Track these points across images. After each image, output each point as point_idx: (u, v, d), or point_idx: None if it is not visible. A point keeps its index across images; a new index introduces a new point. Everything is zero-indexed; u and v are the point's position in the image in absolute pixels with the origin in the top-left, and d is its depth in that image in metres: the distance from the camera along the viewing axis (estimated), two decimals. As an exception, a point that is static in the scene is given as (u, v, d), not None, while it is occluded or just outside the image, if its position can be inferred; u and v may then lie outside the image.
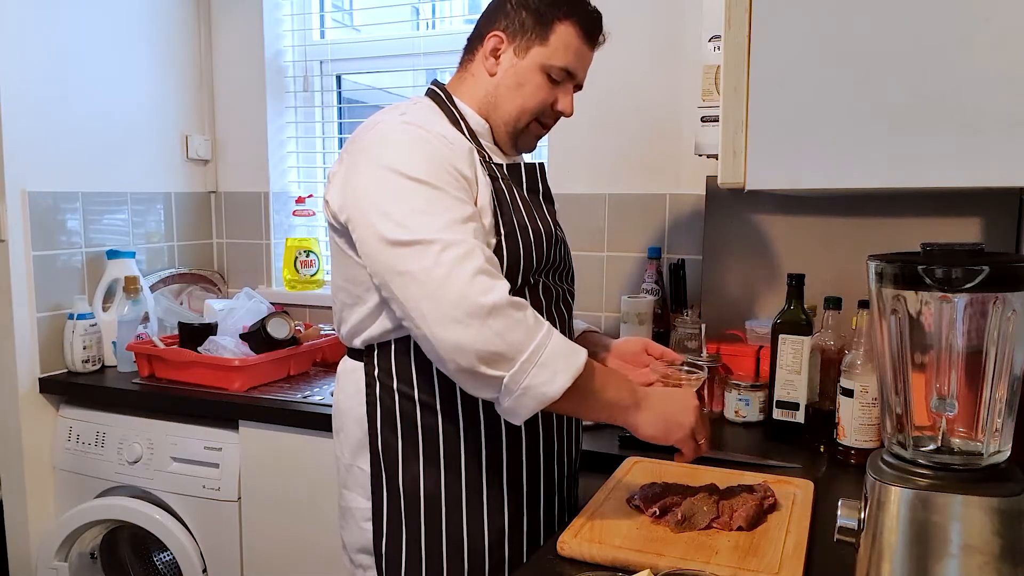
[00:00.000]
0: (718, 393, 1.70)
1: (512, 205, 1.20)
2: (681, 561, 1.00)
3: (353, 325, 1.23)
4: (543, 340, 1.05)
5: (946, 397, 0.81)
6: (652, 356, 1.40)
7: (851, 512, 0.88)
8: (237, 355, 1.98)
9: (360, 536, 1.27)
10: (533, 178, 1.29)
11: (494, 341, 1.02)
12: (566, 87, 1.27)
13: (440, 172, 1.10)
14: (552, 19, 1.22)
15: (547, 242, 1.24)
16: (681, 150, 2.00)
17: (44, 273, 2.07)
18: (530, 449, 1.26)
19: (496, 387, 1.05)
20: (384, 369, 1.22)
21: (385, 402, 1.22)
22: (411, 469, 1.21)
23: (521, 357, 1.03)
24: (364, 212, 1.10)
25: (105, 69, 2.22)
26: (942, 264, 0.77)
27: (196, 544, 1.94)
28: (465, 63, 1.30)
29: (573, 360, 1.06)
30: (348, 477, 1.28)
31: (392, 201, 1.08)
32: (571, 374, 1.05)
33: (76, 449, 2.05)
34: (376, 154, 1.12)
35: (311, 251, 2.51)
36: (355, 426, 1.25)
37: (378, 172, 1.10)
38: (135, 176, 2.33)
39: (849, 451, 1.41)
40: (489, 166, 1.21)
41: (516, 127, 1.26)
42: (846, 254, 1.75)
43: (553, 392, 1.04)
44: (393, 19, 2.46)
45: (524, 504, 1.26)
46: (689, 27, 1.95)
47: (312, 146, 2.62)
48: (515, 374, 1.03)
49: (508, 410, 1.07)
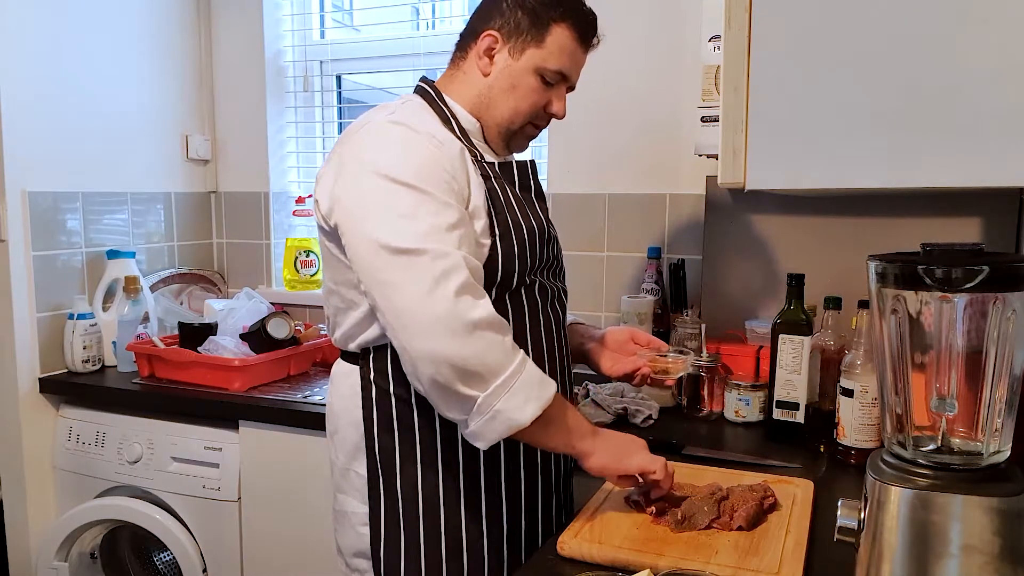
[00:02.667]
0: (718, 393, 1.70)
1: (506, 204, 1.20)
2: (681, 561, 1.00)
3: (347, 329, 1.22)
4: (519, 367, 1.06)
5: (946, 397, 0.81)
6: (639, 345, 1.40)
7: (851, 512, 0.88)
8: (237, 355, 1.98)
9: (356, 540, 1.26)
10: (525, 176, 1.28)
11: (472, 359, 1.02)
12: (559, 89, 1.26)
13: (428, 175, 1.09)
14: (548, 21, 1.21)
15: (540, 240, 1.23)
16: (681, 150, 2.00)
17: (44, 273, 2.07)
18: (528, 452, 1.26)
19: (468, 407, 1.05)
20: (380, 372, 1.21)
21: (382, 405, 1.21)
22: (409, 472, 1.20)
23: (497, 380, 1.04)
24: (351, 216, 1.10)
25: (105, 69, 2.22)
26: (942, 264, 0.77)
27: (196, 544, 1.94)
28: (457, 60, 1.28)
29: (544, 390, 1.08)
30: (343, 481, 1.27)
31: (378, 206, 1.07)
32: (542, 403, 1.07)
33: (76, 449, 2.05)
34: (363, 156, 1.11)
35: (311, 251, 2.51)
36: (351, 429, 1.24)
37: (365, 175, 1.09)
38: (135, 176, 2.33)
39: (849, 451, 1.41)
40: (481, 165, 1.20)
41: (509, 129, 1.25)
42: (846, 254, 1.75)
43: (523, 419, 1.05)
44: (393, 19, 2.46)
45: (523, 505, 1.26)
46: (689, 27, 1.95)
47: (312, 146, 2.62)
48: (488, 396, 1.04)
49: (474, 433, 1.07)
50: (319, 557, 1.83)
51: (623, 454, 1.15)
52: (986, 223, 1.67)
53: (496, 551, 1.23)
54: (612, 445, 1.15)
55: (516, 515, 1.25)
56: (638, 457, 1.14)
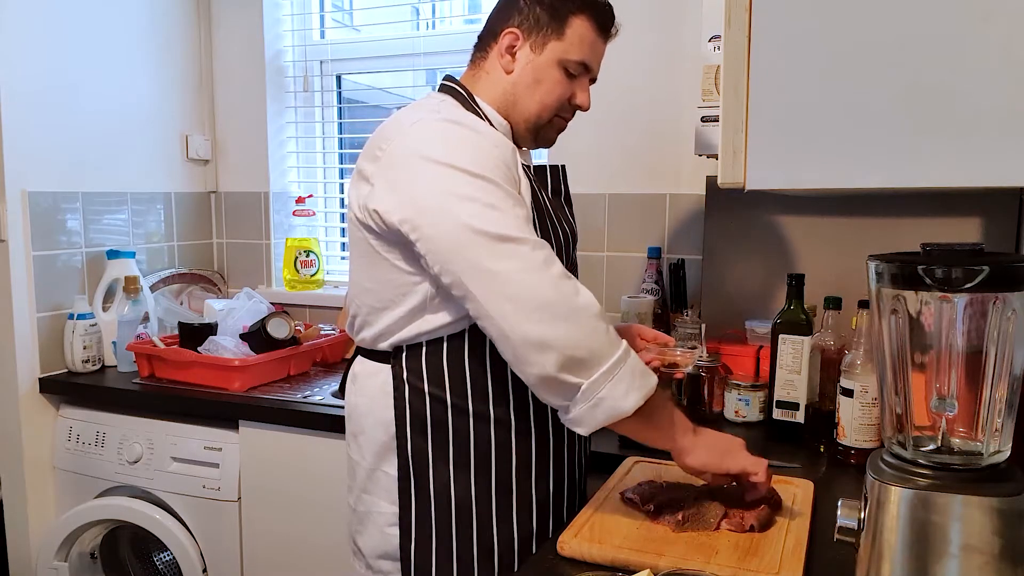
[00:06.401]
0: (718, 393, 1.70)
1: (544, 208, 1.20)
2: (681, 561, 1.00)
3: (383, 328, 1.20)
4: (623, 355, 1.06)
5: (946, 397, 0.81)
6: (646, 340, 1.40)
7: (851, 512, 0.88)
8: (237, 355, 1.98)
9: (382, 541, 1.25)
10: (557, 180, 1.30)
11: (580, 345, 1.02)
12: (582, 81, 1.27)
13: (496, 170, 1.09)
14: (567, 13, 1.22)
15: (570, 245, 1.25)
16: (681, 150, 2.00)
17: (44, 273, 2.07)
18: (556, 450, 1.26)
19: (571, 394, 1.05)
20: (414, 371, 1.19)
21: (415, 405, 1.20)
22: (441, 472, 1.20)
23: (602, 367, 1.04)
24: (430, 209, 1.07)
25: (105, 69, 2.22)
26: (942, 264, 0.77)
27: (196, 544, 1.94)
28: (478, 61, 1.28)
29: (647, 380, 1.08)
30: (369, 482, 1.26)
31: (464, 198, 1.06)
32: (644, 392, 1.07)
33: (76, 449, 2.05)
34: (429, 153, 1.09)
35: (311, 251, 2.51)
36: (379, 430, 1.23)
37: (435, 169, 1.08)
38: (135, 176, 2.33)
39: (849, 451, 1.41)
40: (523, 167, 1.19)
41: (537, 123, 1.26)
42: (846, 254, 1.75)
43: (626, 407, 1.05)
44: (393, 19, 2.46)
45: (551, 505, 1.26)
46: (689, 27, 1.95)
47: (312, 146, 2.62)
48: (593, 383, 1.04)
49: (576, 419, 1.07)
50: (319, 557, 1.83)
51: (725, 453, 1.14)
52: (986, 223, 1.67)
53: (526, 552, 1.23)
54: (712, 443, 1.14)
55: (545, 515, 1.25)
56: (740, 457, 1.13)
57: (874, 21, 0.93)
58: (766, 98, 0.99)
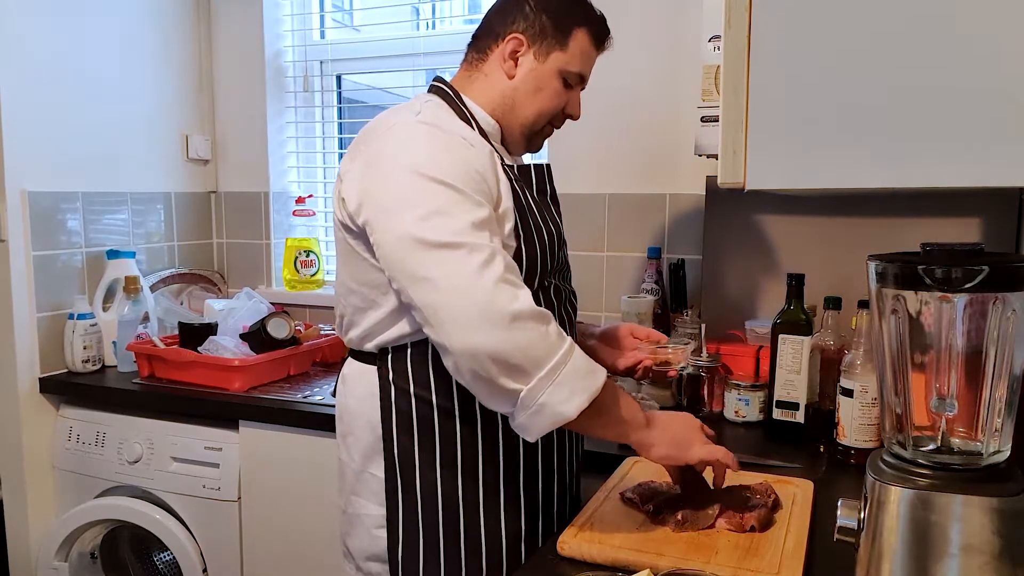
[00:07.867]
0: (718, 393, 1.70)
1: (528, 207, 1.20)
2: (681, 561, 1.00)
3: (367, 329, 1.21)
4: (563, 357, 1.04)
5: (946, 397, 0.81)
6: (639, 339, 1.40)
7: (851, 512, 0.88)
8: (237, 355, 1.98)
9: (371, 543, 1.25)
10: (542, 180, 1.29)
11: (514, 352, 1.01)
12: (576, 91, 1.29)
13: (461, 175, 1.09)
14: (571, 25, 1.23)
15: (556, 244, 1.24)
16: (681, 150, 2.00)
17: (44, 273, 2.07)
18: (545, 449, 1.26)
19: (512, 400, 1.04)
20: (400, 373, 1.20)
21: (401, 406, 1.20)
22: (428, 473, 1.19)
23: (540, 372, 1.02)
24: (385, 212, 1.09)
25: (105, 69, 2.22)
26: (942, 264, 0.77)
27: (196, 544, 1.94)
28: (475, 62, 1.28)
29: (592, 380, 1.06)
30: (358, 483, 1.26)
31: (412, 202, 1.06)
32: (589, 395, 1.05)
33: (76, 449, 2.05)
34: (396, 154, 1.11)
35: (311, 251, 2.51)
36: (366, 431, 1.23)
37: (398, 173, 1.09)
38: (135, 176, 2.33)
39: (849, 451, 1.41)
40: (504, 167, 1.20)
41: (532, 130, 1.27)
42: (846, 254, 1.75)
43: (569, 412, 1.04)
44: (393, 19, 2.46)
45: (539, 504, 1.26)
46: (689, 27, 1.95)
47: (312, 146, 2.62)
48: (532, 389, 1.02)
49: (521, 426, 1.06)
50: (319, 557, 1.83)
51: (684, 444, 1.14)
52: (986, 223, 1.67)
53: (515, 550, 1.23)
54: (670, 434, 1.14)
55: (534, 514, 1.25)
56: (697, 449, 1.14)
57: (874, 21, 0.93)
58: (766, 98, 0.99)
